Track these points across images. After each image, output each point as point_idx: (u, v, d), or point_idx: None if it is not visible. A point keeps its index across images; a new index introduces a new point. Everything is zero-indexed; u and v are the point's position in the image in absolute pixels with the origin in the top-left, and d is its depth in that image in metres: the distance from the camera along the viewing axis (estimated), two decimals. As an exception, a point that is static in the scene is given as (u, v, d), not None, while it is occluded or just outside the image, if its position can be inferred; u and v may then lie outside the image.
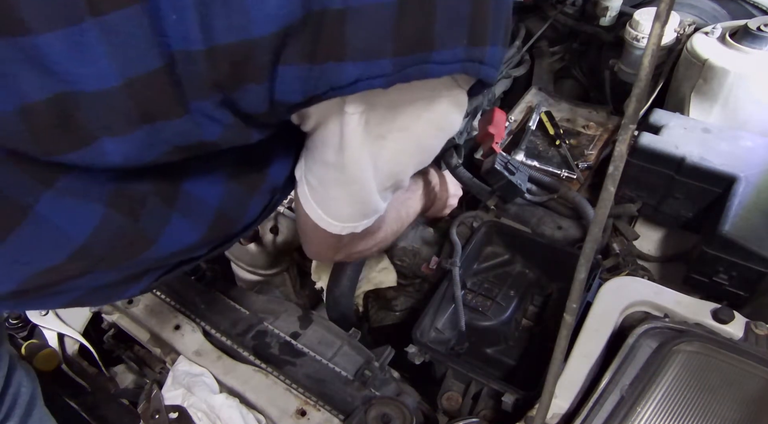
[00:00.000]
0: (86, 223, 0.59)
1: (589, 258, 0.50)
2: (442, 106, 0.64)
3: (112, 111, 0.51)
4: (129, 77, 0.49)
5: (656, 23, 0.37)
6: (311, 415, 0.97)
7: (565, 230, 1.30)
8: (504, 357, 1.18)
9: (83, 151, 0.52)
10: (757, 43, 1.34)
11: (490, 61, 0.59)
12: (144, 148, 0.54)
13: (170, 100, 0.52)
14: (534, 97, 1.70)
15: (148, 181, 0.61)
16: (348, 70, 0.53)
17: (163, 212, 0.64)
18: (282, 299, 1.22)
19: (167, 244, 0.66)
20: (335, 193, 0.73)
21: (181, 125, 0.54)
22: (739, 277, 1.07)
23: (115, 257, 0.63)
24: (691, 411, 0.77)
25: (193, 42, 0.49)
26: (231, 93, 0.54)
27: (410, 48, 0.53)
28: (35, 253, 0.59)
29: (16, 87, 0.48)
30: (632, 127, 0.42)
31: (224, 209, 0.69)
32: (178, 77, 0.51)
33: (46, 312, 1.23)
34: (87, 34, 0.47)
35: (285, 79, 0.53)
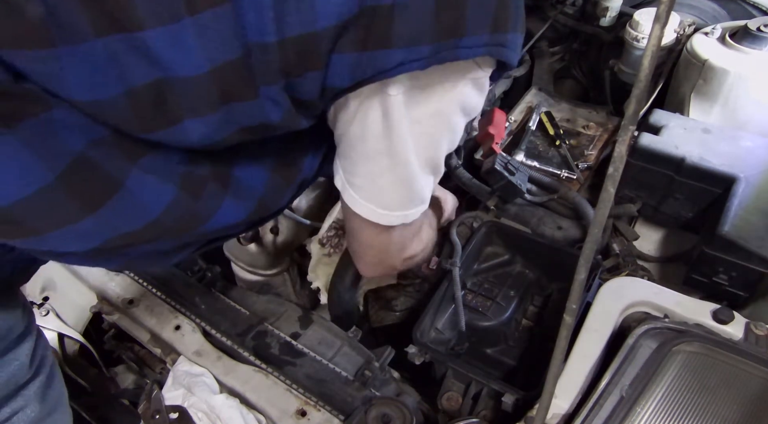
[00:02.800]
0: (163, 199, 0.69)
1: (589, 258, 0.50)
2: (467, 88, 0.73)
3: (198, 93, 0.60)
4: (215, 65, 0.59)
5: (656, 24, 0.38)
6: (311, 415, 0.97)
7: (565, 230, 1.30)
8: (504, 357, 1.18)
9: (171, 130, 0.62)
10: (757, 43, 1.34)
11: (511, 45, 0.68)
12: (218, 127, 0.64)
13: (245, 84, 0.61)
14: (534, 98, 1.70)
15: (208, 167, 0.71)
16: (393, 55, 0.62)
17: (218, 194, 0.74)
18: (282, 300, 1.22)
19: (217, 221, 0.75)
20: (383, 181, 0.79)
21: (251, 107, 0.63)
22: (739, 277, 1.07)
23: (176, 229, 0.73)
24: (690, 411, 0.77)
25: (268, 35, 0.58)
26: (294, 79, 0.63)
27: (446, 35, 0.62)
28: (119, 220, 0.68)
29: (125, 74, 0.57)
30: (632, 128, 0.42)
31: (266, 196, 0.80)
32: (252, 65, 0.60)
33: (47, 312, 1.23)
34: (185, 30, 0.56)
35: (338, 65, 0.62)
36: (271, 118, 0.65)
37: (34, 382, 0.87)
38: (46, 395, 0.89)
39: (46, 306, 1.24)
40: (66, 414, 0.97)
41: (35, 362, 0.87)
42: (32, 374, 0.86)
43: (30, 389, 0.86)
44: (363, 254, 0.98)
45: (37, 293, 1.25)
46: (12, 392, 0.84)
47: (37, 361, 0.87)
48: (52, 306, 1.24)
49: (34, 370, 0.86)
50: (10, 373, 0.82)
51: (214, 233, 0.79)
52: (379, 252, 0.95)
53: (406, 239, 0.95)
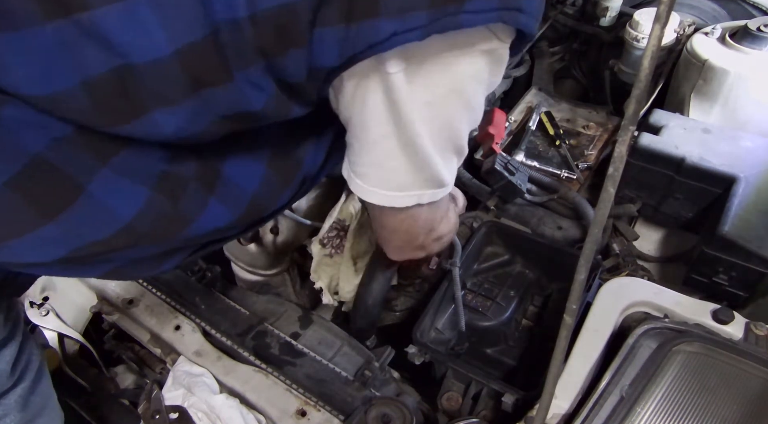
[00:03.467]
0: (133, 204, 0.63)
1: (589, 259, 0.50)
2: (482, 61, 0.64)
3: (164, 80, 0.54)
4: (179, 46, 0.53)
5: (656, 24, 0.38)
6: (311, 415, 0.97)
7: (565, 230, 1.30)
8: (504, 357, 1.18)
9: (138, 122, 0.56)
10: (757, 43, 1.34)
11: (528, 10, 0.58)
12: (193, 118, 0.58)
13: (217, 67, 0.55)
14: (534, 98, 1.70)
15: (191, 166, 0.65)
16: (384, 25, 0.54)
17: (202, 196, 0.68)
18: (282, 300, 1.22)
19: (202, 225, 0.70)
20: (391, 164, 0.71)
21: (228, 93, 0.57)
22: (739, 277, 1.07)
23: (154, 235, 0.67)
24: (690, 411, 0.77)
25: (238, 9, 0.52)
26: (274, 58, 0.56)
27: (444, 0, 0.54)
28: (84, 228, 0.63)
29: (78, 62, 0.51)
30: (632, 129, 0.42)
31: (258, 196, 0.73)
32: (224, 45, 0.54)
33: (47, 312, 1.23)
34: (140, 7, 0.50)
35: (323, 41, 0.55)
36: (253, 105, 0.59)
37: (15, 390, 0.83)
38: (28, 401, 0.85)
39: (46, 306, 1.23)
40: (53, 418, 0.93)
41: (18, 368, 0.83)
42: (14, 381, 0.83)
43: (10, 397, 0.83)
44: (389, 239, 0.92)
45: (37, 293, 1.25)
46: None
47: (20, 367, 0.84)
48: (52, 306, 1.24)
49: (16, 377, 0.83)
50: None
51: (203, 238, 0.74)
52: (405, 234, 0.88)
53: (434, 221, 0.88)
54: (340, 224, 1.34)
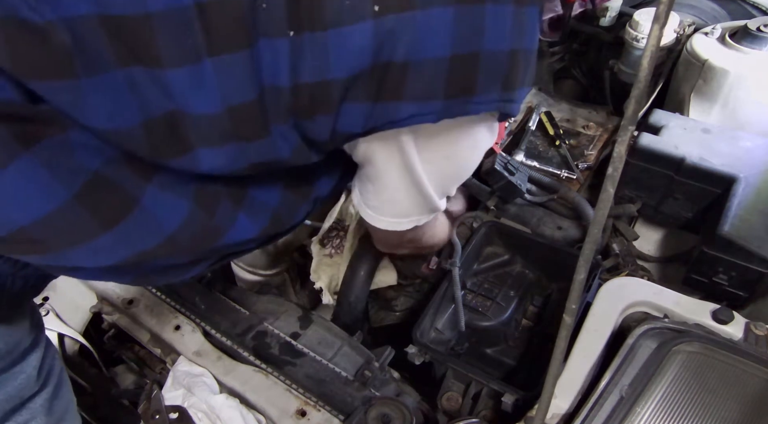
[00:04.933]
0: (178, 215, 0.69)
1: (589, 259, 0.50)
2: (480, 134, 0.77)
3: (212, 130, 0.62)
4: (230, 105, 0.60)
5: (656, 24, 0.38)
6: (311, 415, 0.97)
7: (565, 230, 1.30)
8: (504, 357, 1.18)
9: (183, 159, 0.63)
10: (757, 43, 1.34)
11: (518, 99, 0.70)
12: (229, 161, 0.65)
13: (258, 123, 0.63)
14: (534, 98, 1.70)
15: (220, 185, 0.72)
16: (405, 108, 0.64)
17: (233, 209, 0.74)
18: (282, 300, 1.22)
19: (232, 236, 0.76)
20: (399, 200, 0.85)
21: (263, 144, 0.65)
22: (739, 277, 1.07)
23: (192, 245, 0.74)
24: (690, 411, 0.77)
25: (282, 79, 0.60)
26: (304, 120, 0.64)
27: (457, 93, 0.64)
28: (136, 237, 0.68)
29: (143, 105, 0.58)
30: (631, 129, 0.42)
31: (279, 212, 0.81)
32: (266, 106, 0.62)
33: (47, 312, 1.23)
34: (204, 70, 0.58)
35: (349, 113, 0.64)
36: (281, 154, 0.67)
37: (41, 394, 0.86)
38: (53, 406, 0.89)
39: (46, 306, 1.23)
40: (74, 421, 0.97)
41: (42, 374, 0.87)
42: (39, 386, 0.86)
43: (36, 401, 0.86)
44: (378, 241, 1.14)
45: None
46: (18, 405, 0.83)
47: (44, 373, 0.87)
48: (52, 306, 1.24)
49: (41, 382, 0.86)
50: (16, 386, 0.82)
51: (229, 248, 0.80)
52: (393, 244, 1.11)
53: (418, 236, 1.03)
54: (340, 224, 1.34)
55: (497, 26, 0.63)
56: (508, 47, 0.65)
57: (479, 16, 0.62)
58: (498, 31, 0.63)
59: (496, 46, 0.64)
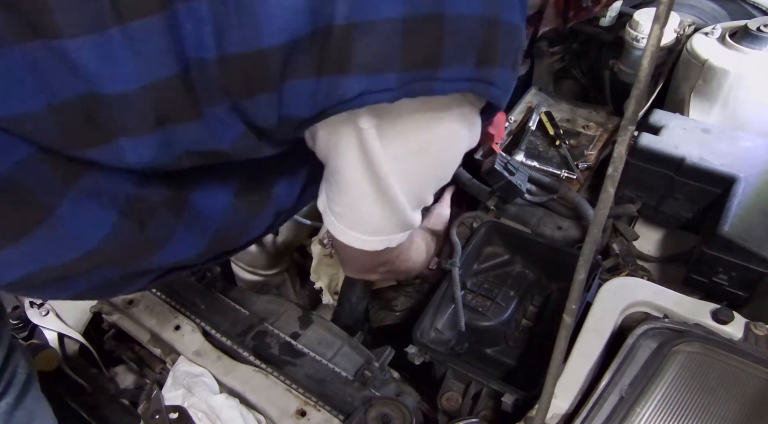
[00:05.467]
0: (99, 229, 0.62)
1: (589, 259, 0.50)
2: (454, 125, 0.65)
3: (131, 112, 0.54)
4: (147, 81, 0.53)
5: (656, 24, 0.38)
6: (311, 415, 0.97)
7: (565, 230, 1.30)
8: (504, 357, 1.18)
9: (103, 149, 0.55)
10: (757, 43, 1.34)
11: (499, 83, 0.59)
12: (159, 150, 0.57)
13: (184, 104, 0.55)
14: (534, 98, 1.70)
15: (160, 191, 0.64)
16: (353, 83, 0.54)
17: (169, 223, 0.67)
18: (282, 300, 1.22)
19: (168, 253, 0.69)
20: (365, 208, 0.72)
21: (195, 129, 0.57)
22: (739, 277, 1.07)
23: (119, 261, 0.67)
24: (690, 411, 0.77)
25: (207, 50, 0.52)
26: (242, 101, 0.56)
27: (416, 64, 0.54)
28: (48, 251, 0.62)
29: (47, 85, 0.51)
30: (631, 129, 0.42)
31: (225, 226, 0.72)
32: (193, 83, 0.54)
33: (47, 312, 1.23)
34: (112, 40, 0.50)
35: (293, 92, 0.55)
36: (220, 143, 0.59)
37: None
38: (12, 416, 0.83)
39: (46, 306, 1.23)
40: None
41: (2, 381, 0.81)
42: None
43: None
44: (347, 264, 0.98)
45: (38, 293, 1.25)
46: None
47: (4, 380, 0.81)
48: (52, 306, 1.24)
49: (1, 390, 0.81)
50: None
51: (169, 265, 0.72)
52: (363, 266, 0.93)
53: (389, 258, 0.90)
54: (340, 224, 1.34)
55: None
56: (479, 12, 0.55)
57: None
58: None
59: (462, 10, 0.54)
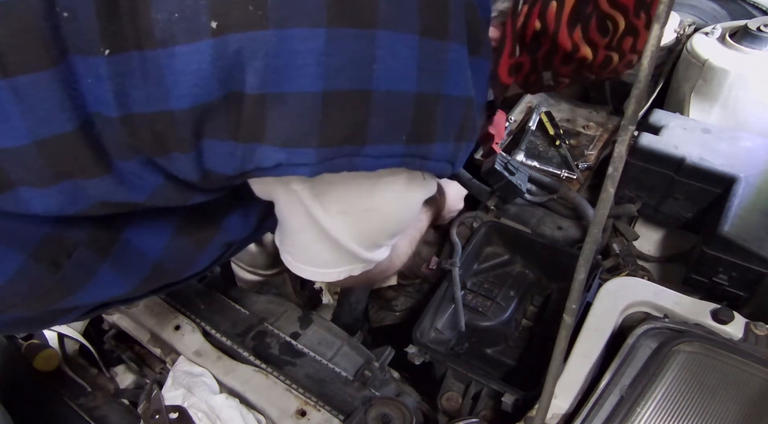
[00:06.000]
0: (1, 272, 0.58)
1: (589, 259, 0.50)
2: (398, 188, 0.60)
3: (25, 166, 0.51)
4: (40, 137, 0.49)
5: (656, 24, 0.38)
6: (311, 415, 0.97)
7: (565, 230, 1.30)
8: (504, 357, 1.18)
9: (4, 197, 0.52)
10: (757, 43, 1.34)
11: (437, 156, 0.56)
12: (66, 201, 0.54)
13: (87, 160, 0.52)
14: (534, 98, 1.70)
15: (84, 229, 0.59)
16: (269, 153, 0.51)
17: (90, 263, 0.62)
18: (282, 300, 1.22)
19: (90, 294, 0.64)
20: (316, 249, 0.68)
21: (105, 183, 0.53)
22: (739, 277, 1.07)
23: (29, 304, 0.62)
24: (690, 411, 0.77)
25: (108, 108, 0.49)
26: (155, 158, 0.53)
27: (337, 140, 0.51)
28: None
29: None
30: (631, 129, 0.42)
31: (164, 262, 0.67)
32: (97, 138, 0.51)
33: (47, 312, 1.23)
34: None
35: (212, 152, 0.52)
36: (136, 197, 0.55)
37: None
38: None
39: (46, 306, 1.23)
40: None
41: None
42: None
43: None
44: None
45: (37, 293, 1.25)
46: None
47: None
48: (52, 306, 1.24)
49: None
50: None
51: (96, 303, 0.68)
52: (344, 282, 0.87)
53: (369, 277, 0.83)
54: (340, 224, 1.34)
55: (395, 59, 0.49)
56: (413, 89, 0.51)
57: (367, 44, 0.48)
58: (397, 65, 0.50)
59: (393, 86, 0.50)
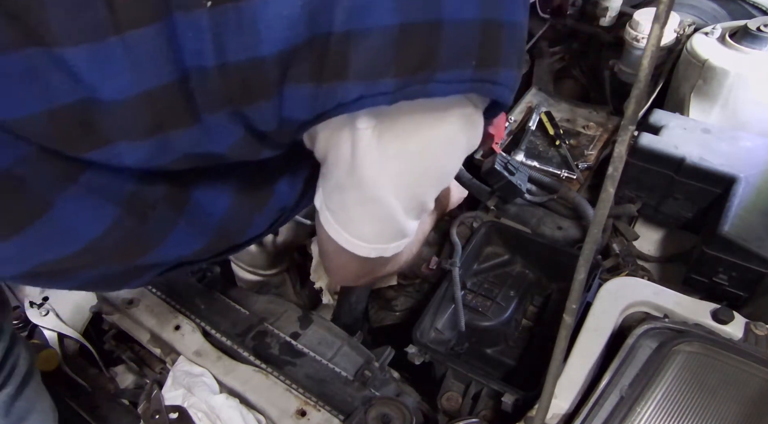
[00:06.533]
0: (99, 223, 0.63)
1: (589, 259, 0.50)
2: (455, 126, 0.64)
3: (127, 119, 0.55)
4: (144, 89, 0.54)
5: (656, 24, 0.38)
6: (311, 415, 0.97)
7: (565, 230, 1.30)
8: (504, 357, 1.18)
9: (100, 151, 0.57)
10: (757, 43, 1.34)
11: (503, 81, 0.59)
12: (156, 153, 0.58)
13: (182, 111, 0.56)
14: (534, 98, 1.70)
15: (161, 187, 0.65)
16: (352, 89, 0.55)
17: (170, 218, 0.67)
18: (282, 300, 1.22)
19: (170, 249, 0.69)
20: (356, 213, 0.71)
21: (192, 135, 0.58)
22: (739, 277, 1.07)
23: (119, 256, 0.67)
24: (690, 411, 0.77)
25: (206, 58, 0.53)
26: (242, 108, 0.57)
27: (412, 69, 0.55)
28: (47, 245, 0.62)
29: (45, 90, 0.53)
30: (631, 129, 0.42)
31: (227, 222, 0.73)
32: (191, 91, 0.55)
33: (47, 312, 1.23)
34: (109, 49, 0.52)
35: (293, 97, 0.56)
36: (218, 147, 0.60)
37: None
38: (12, 406, 0.84)
39: (45, 306, 1.23)
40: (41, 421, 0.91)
41: (3, 372, 0.82)
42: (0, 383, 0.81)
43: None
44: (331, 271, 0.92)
45: (37, 293, 1.25)
46: None
47: (5, 371, 0.82)
48: (52, 306, 1.24)
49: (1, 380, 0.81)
50: None
51: (170, 262, 0.73)
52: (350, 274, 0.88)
53: (376, 267, 0.86)
54: (340, 224, 1.34)
55: None
56: (478, 16, 0.55)
57: None
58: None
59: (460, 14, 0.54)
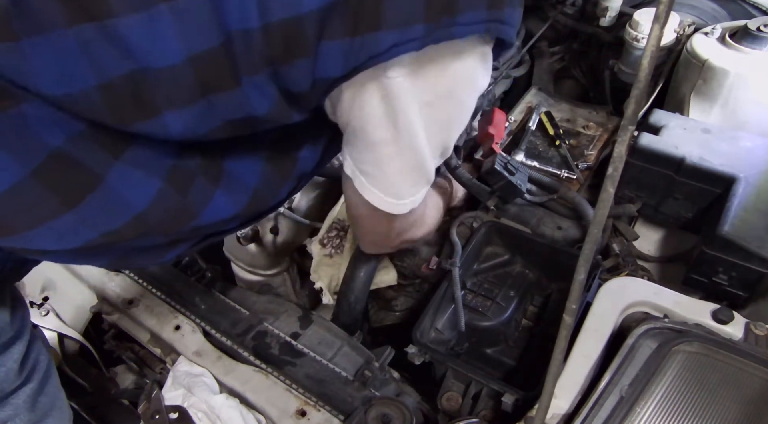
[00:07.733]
0: (146, 194, 0.67)
1: (589, 259, 0.50)
2: (475, 63, 0.71)
3: (176, 84, 0.58)
4: (192, 53, 0.57)
5: (655, 24, 0.38)
6: (311, 415, 0.97)
7: (564, 230, 1.30)
8: (504, 357, 1.18)
9: (148, 123, 0.60)
10: (757, 43, 1.34)
11: (509, 21, 0.67)
12: (200, 120, 0.62)
13: (226, 73, 0.60)
14: (534, 98, 1.70)
15: (197, 160, 0.70)
16: (385, 37, 0.60)
17: (208, 188, 0.72)
18: (282, 300, 1.22)
19: (208, 216, 0.74)
20: (392, 168, 0.78)
21: (234, 98, 0.62)
22: (739, 277, 1.07)
23: (164, 225, 0.71)
24: (690, 411, 0.77)
25: (251, 20, 0.57)
26: (280, 68, 0.61)
27: (438, 14, 0.60)
28: (101, 217, 0.66)
29: (98, 65, 0.55)
30: (631, 129, 0.42)
31: (260, 189, 0.78)
32: (234, 53, 0.58)
33: (47, 312, 1.23)
34: (160, 16, 0.54)
35: (328, 53, 0.60)
36: (257, 110, 0.64)
37: (23, 389, 0.83)
38: (37, 401, 0.86)
39: (46, 306, 1.24)
40: (61, 418, 0.94)
41: (26, 367, 0.84)
42: (22, 380, 0.83)
43: (19, 396, 0.83)
44: (364, 236, 1.07)
45: (37, 293, 1.25)
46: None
47: (29, 366, 0.84)
48: (52, 306, 1.24)
49: (24, 376, 0.83)
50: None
51: (208, 229, 0.77)
52: (379, 236, 1.01)
53: (406, 226, 0.98)
54: (340, 223, 1.34)
55: None
56: None
57: None
58: None
59: None
